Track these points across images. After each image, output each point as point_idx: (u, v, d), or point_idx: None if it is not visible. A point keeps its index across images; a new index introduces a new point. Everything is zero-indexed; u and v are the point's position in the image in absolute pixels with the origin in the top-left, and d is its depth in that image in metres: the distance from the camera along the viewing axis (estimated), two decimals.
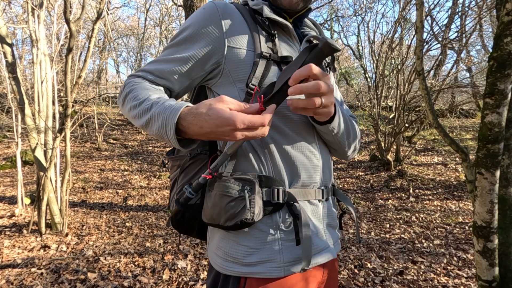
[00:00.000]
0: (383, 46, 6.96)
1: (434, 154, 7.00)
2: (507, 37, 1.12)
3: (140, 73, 0.75)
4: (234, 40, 0.73)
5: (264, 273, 0.68)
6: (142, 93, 0.69)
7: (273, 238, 0.69)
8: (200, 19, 0.74)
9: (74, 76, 5.44)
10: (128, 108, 0.70)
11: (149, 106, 0.65)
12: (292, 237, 0.70)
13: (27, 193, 4.86)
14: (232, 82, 0.73)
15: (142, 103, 0.67)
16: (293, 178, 0.72)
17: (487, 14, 5.91)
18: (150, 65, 0.76)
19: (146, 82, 0.73)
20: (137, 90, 0.70)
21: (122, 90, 0.75)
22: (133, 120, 0.70)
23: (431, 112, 2.09)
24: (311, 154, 0.75)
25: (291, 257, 0.69)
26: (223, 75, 0.74)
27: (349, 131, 0.79)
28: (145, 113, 0.66)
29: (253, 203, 0.66)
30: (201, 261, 2.86)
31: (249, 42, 0.73)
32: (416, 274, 2.61)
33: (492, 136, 1.18)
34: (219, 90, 0.76)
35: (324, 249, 0.75)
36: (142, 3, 15.80)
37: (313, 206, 0.75)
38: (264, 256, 0.69)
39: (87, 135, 9.45)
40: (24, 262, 2.77)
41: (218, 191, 0.69)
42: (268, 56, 0.72)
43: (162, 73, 0.74)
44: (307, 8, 0.81)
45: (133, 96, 0.69)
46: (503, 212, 1.35)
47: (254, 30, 0.74)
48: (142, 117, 0.67)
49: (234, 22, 0.74)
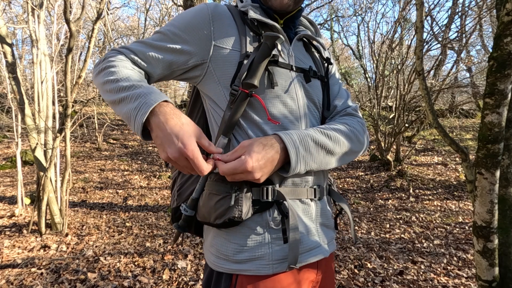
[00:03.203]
0: (383, 46, 6.97)
1: (434, 154, 7.00)
2: (507, 37, 1.12)
3: (123, 50, 0.75)
4: (221, 40, 0.74)
5: (253, 270, 0.69)
6: (123, 71, 0.69)
7: (263, 236, 0.70)
8: (191, 16, 0.75)
9: (74, 76, 5.45)
10: (104, 80, 0.69)
11: (129, 85, 0.65)
12: (282, 235, 0.71)
13: (27, 193, 4.86)
14: (216, 81, 0.74)
15: (121, 80, 0.66)
16: (283, 178, 0.73)
17: (487, 14, 5.92)
18: (135, 45, 0.76)
19: (128, 61, 0.73)
20: (119, 67, 0.70)
21: (101, 61, 0.74)
22: (104, 92, 0.70)
23: (431, 112, 2.09)
24: None
25: (280, 255, 0.70)
26: (207, 73, 0.75)
27: (335, 149, 0.74)
28: (122, 91, 0.65)
29: (240, 201, 0.67)
30: (201, 261, 2.86)
31: (236, 42, 0.74)
32: (416, 274, 2.61)
33: (492, 136, 1.18)
34: (205, 89, 0.77)
35: (315, 248, 0.75)
36: (142, 3, 15.81)
37: (305, 205, 0.75)
38: (254, 254, 0.70)
39: (87, 135, 9.45)
40: (24, 262, 2.77)
41: (208, 190, 0.71)
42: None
43: (145, 56, 0.74)
44: (298, 8, 0.82)
45: (113, 71, 0.69)
46: (503, 212, 1.35)
47: (242, 30, 0.76)
48: (116, 94, 0.66)
49: (223, 22, 0.75)
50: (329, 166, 0.75)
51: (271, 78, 0.72)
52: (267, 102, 0.73)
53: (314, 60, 0.85)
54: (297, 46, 0.83)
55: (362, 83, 12.09)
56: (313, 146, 0.70)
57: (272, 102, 0.73)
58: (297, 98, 0.76)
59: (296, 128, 0.75)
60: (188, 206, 0.74)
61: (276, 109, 0.73)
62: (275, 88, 0.73)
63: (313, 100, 0.80)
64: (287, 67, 0.76)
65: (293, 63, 0.78)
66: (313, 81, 0.81)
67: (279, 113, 0.74)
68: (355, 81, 12.11)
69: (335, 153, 0.75)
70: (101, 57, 0.76)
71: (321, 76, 0.84)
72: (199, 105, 0.85)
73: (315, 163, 0.71)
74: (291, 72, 0.77)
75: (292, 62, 0.78)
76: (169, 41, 0.74)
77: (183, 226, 0.76)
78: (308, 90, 0.79)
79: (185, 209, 0.74)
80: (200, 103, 0.85)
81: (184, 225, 0.76)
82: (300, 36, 0.82)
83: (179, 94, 18.21)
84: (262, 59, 0.69)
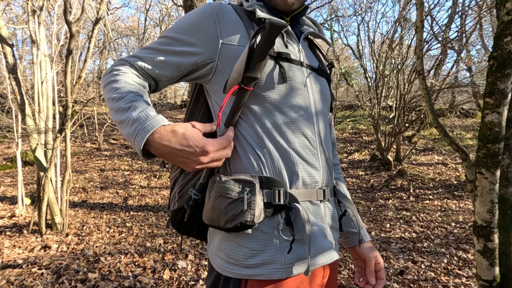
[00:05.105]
0: (383, 46, 6.97)
1: (434, 154, 7.00)
2: (507, 37, 1.12)
3: (130, 58, 0.75)
4: (229, 37, 0.73)
5: (266, 274, 0.67)
6: (125, 88, 0.69)
7: (275, 239, 0.69)
8: (196, 17, 0.75)
9: (74, 77, 5.45)
10: (108, 98, 0.70)
11: (127, 107, 0.65)
12: (294, 238, 0.69)
13: (28, 194, 4.86)
14: (226, 78, 0.73)
15: (121, 99, 0.67)
16: (294, 179, 0.72)
17: (487, 14, 5.92)
18: (142, 51, 0.76)
19: (132, 72, 0.73)
20: (120, 82, 0.70)
21: (107, 73, 0.74)
22: (109, 110, 0.71)
23: (431, 111, 2.09)
24: (312, 154, 0.74)
25: (293, 258, 0.69)
26: (216, 72, 0.74)
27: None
28: (122, 112, 0.66)
29: (253, 205, 0.65)
30: (201, 261, 2.86)
31: (243, 38, 0.73)
32: (417, 274, 2.61)
33: (492, 136, 1.18)
34: (213, 87, 0.76)
35: (326, 251, 0.74)
36: (142, 3, 15.82)
37: (315, 206, 0.74)
38: (266, 258, 0.68)
39: (87, 135, 9.46)
40: (24, 262, 2.77)
41: (218, 192, 0.68)
42: None
43: (153, 62, 0.74)
44: (303, 6, 0.82)
45: (115, 88, 0.69)
46: (503, 212, 1.35)
47: (249, 27, 0.75)
48: (117, 114, 0.67)
49: (229, 20, 0.75)
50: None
51: (283, 73, 0.71)
52: (279, 97, 0.72)
53: (319, 60, 0.86)
54: (303, 45, 0.83)
55: (362, 83, 12.09)
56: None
57: (284, 97, 0.72)
58: (308, 95, 0.76)
59: (308, 124, 0.74)
60: (197, 190, 0.74)
61: (288, 105, 0.73)
62: (287, 82, 0.72)
63: (324, 97, 0.80)
64: (298, 64, 0.76)
65: (303, 60, 0.78)
66: (322, 79, 0.81)
67: (292, 109, 0.73)
68: (355, 81, 12.11)
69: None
70: (107, 69, 0.76)
71: (328, 76, 0.84)
72: (201, 103, 0.84)
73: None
74: (302, 68, 0.76)
75: (302, 59, 0.78)
76: (176, 44, 0.74)
77: (192, 206, 0.76)
78: (319, 87, 0.79)
79: (195, 194, 0.74)
80: (202, 101, 0.84)
81: (193, 206, 0.75)
82: (306, 34, 0.82)
83: (179, 94, 18.23)
84: (266, 49, 0.66)
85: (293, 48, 0.77)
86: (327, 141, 0.80)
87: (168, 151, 0.62)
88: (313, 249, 0.71)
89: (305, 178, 0.72)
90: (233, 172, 0.72)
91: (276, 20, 0.65)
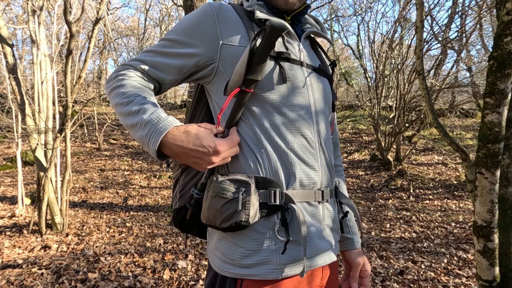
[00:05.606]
0: (383, 46, 6.97)
1: (434, 154, 7.00)
2: (507, 37, 1.12)
3: (133, 62, 0.75)
4: (229, 38, 0.73)
5: (261, 275, 0.67)
6: (132, 91, 0.69)
7: (270, 240, 0.68)
8: (196, 18, 0.75)
9: (74, 77, 5.45)
10: (115, 103, 0.70)
11: (137, 110, 0.66)
12: (289, 239, 0.69)
13: (28, 194, 4.86)
14: (227, 79, 0.73)
15: (130, 103, 0.67)
16: (291, 179, 0.71)
17: (487, 14, 5.92)
18: (144, 54, 0.76)
19: (137, 75, 0.73)
20: (127, 86, 0.70)
21: (112, 78, 0.74)
22: (118, 115, 0.71)
23: (431, 111, 2.09)
24: (311, 154, 0.74)
25: (288, 259, 0.68)
26: (217, 72, 0.74)
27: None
28: (132, 115, 0.66)
29: (247, 205, 0.65)
30: (201, 261, 2.86)
31: (243, 39, 0.73)
32: (417, 274, 2.61)
33: (492, 136, 1.18)
34: (214, 88, 0.76)
35: (323, 252, 0.74)
36: (142, 3, 15.83)
37: (313, 207, 0.74)
38: (261, 258, 0.68)
39: (87, 135, 9.46)
40: (24, 262, 2.77)
41: (214, 192, 0.68)
42: None
43: (155, 65, 0.74)
44: (304, 5, 0.81)
45: (122, 93, 0.69)
46: (503, 212, 1.35)
47: (249, 27, 0.75)
48: (127, 118, 0.67)
49: (229, 21, 0.75)
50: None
51: (283, 73, 0.71)
52: (278, 97, 0.72)
53: (321, 59, 0.85)
54: (305, 44, 0.82)
55: (362, 83, 12.10)
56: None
57: (284, 97, 0.72)
58: (309, 95, 0.75)
59: (308, 125, 0.74)
60: (199, 189, 0.74)
61: (287, 105, 0.72)
62: (287, 83, 0.72)
63: (325, 96, 0.80)
64: (298, 63, 0.76)
65: (303, 59, 0.77)
66: (323, 79, 0.81)
67: (291, 109, 0.72)
68: (355, 81, 12.11)
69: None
70: (110, 75, 0.76)
71: (329, 75, 0.84)
72: (203, 103, 0.84)
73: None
74: (302, 68, 0.76)
75: (302, 59, 0.77)
76: (177, 46, 0.74)
77: (194, 205, 0.76)
78: (320, 86, 0.79)
79: (197, 193, 0.74)
80: (203, 102, 0.84)
81: (195, 204, 0.76)
82: (307, 33, 0.82)
83: (179, 94, 18.22)
84: (266, 51, 0.66)
85: (293, 48, 0.77)
86: (327, 141, 0.79)
87: (182, 151, 0.64)
88: (310, 250, 0.71)
89: (303, 179, 0.72)
90: (231, 172, 0.72)
91: (276, 22, 0.65)
